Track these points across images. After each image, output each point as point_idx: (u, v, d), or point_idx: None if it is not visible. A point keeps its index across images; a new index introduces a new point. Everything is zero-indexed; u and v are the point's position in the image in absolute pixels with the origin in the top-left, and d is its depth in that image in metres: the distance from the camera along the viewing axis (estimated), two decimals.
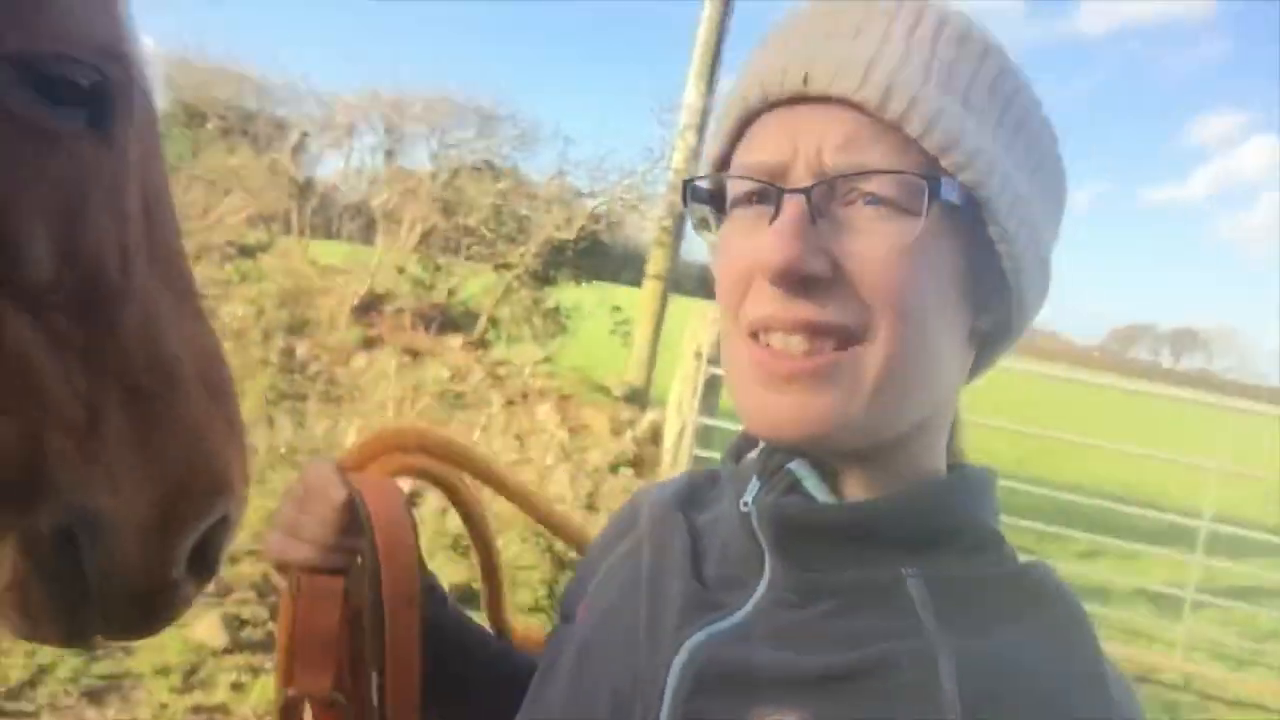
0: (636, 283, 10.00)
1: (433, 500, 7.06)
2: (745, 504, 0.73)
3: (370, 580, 0.86)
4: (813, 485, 0.70)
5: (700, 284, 11.15)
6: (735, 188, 0.72)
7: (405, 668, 0.86)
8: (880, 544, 0.68)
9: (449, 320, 8.79)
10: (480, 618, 1.07)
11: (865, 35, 0.67)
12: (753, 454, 0.79)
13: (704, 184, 0.75)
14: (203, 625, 4.97)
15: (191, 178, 10.48)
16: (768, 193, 0.67)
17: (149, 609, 0.93)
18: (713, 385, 6.13)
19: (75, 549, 0.88)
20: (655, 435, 7.02)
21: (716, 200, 0.75)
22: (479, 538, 1.00)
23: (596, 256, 10.24)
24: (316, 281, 8.83)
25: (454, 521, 6.90)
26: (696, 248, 10.17)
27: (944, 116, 0.64)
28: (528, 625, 1.06)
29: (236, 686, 4.43)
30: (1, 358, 0.79)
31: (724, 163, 0.74)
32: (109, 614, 0.92)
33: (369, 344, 8.22)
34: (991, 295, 0.70)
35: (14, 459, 0.82)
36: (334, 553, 0.87)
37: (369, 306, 8.48)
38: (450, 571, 6.19)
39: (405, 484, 0.95)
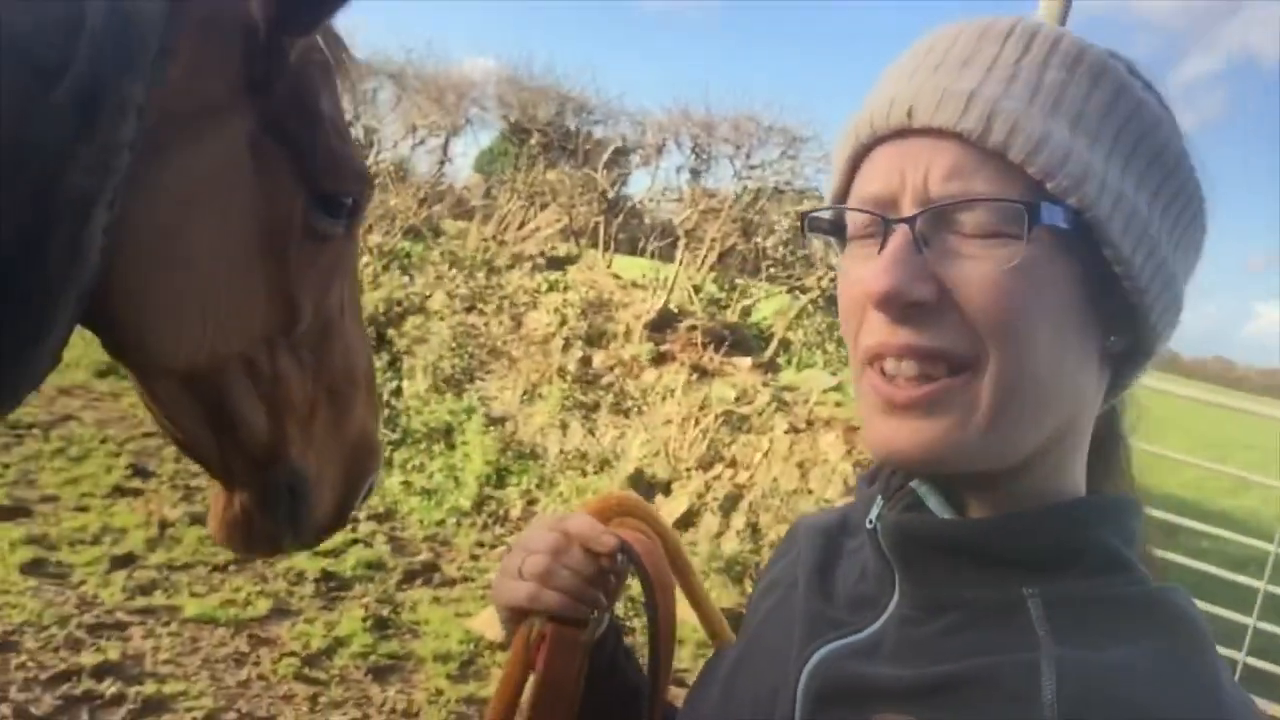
0: None
1: (710, 522, 7.06)
2: (870, 521, 0.76)
3: (650, 629, 0.89)
4: (934, 503, 0.73)
5: None
6: (852, 220, 0.74)
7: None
8: (1002, 562, 0.68)
9: (740, 341, 8.76)
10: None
11: (972, 65, 0.68)
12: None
13: (825, 215, 0.78)
14: (484, 617, 5.22)
15: (513, 190, 11.21)
16: (878, 223, 0.69)
17: (326, 535, 1.46)
18: None
19: (293, 498, 1.35)
20: None
21: (838, 231, 0.77)
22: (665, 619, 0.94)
23: None
24: (617, 295, 9.11)
25: (729, 545, 6.85)
26: None
27: (1049, 141, 0.65)
28: None
29: None
30: (276, 379, 1.26)
31: (843, 195, 0.76)
32: (300, 537, 1.40)
33: (660, 360, 8.36)
34: (1118, 316, 0.70)
35: (267, 440, 1.28)
36: (582, 603, 0.88)
37: (664, 323, 8.63)
38: (724, 597, 6.14)
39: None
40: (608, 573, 0.87)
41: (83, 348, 8.64)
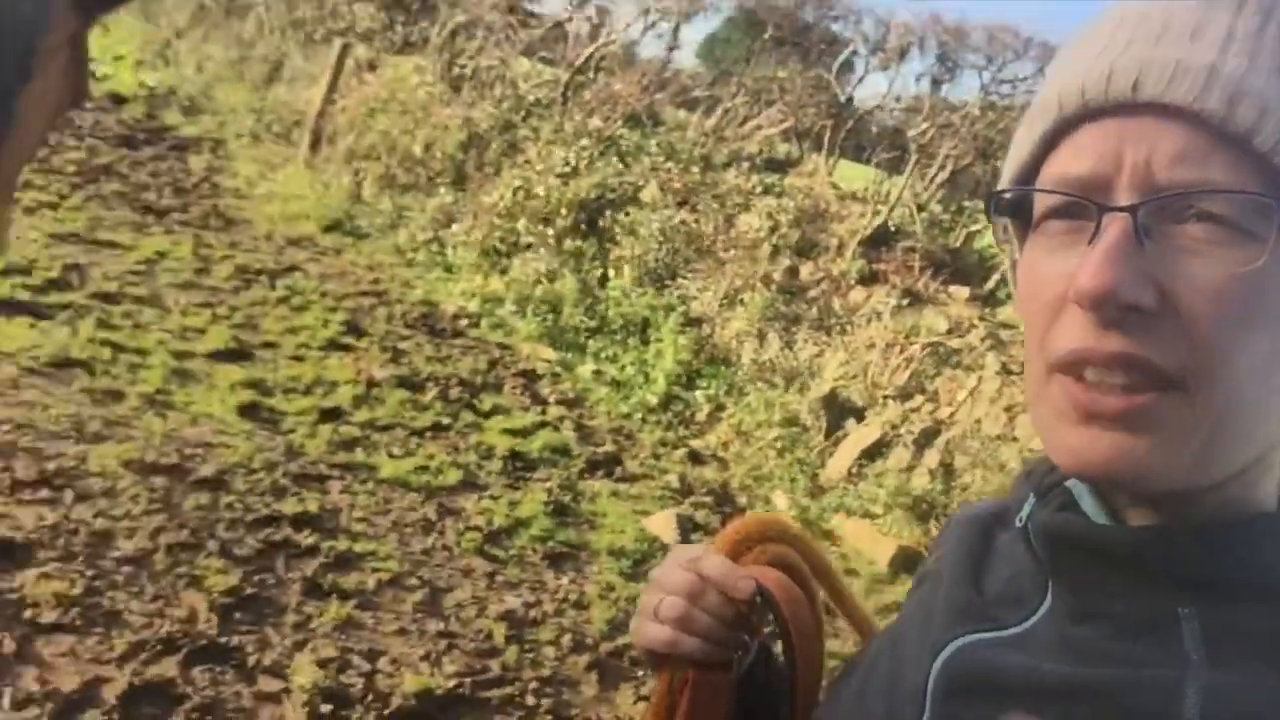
0: None
1: (900, 455, 6.77)
2: (1020, 519, 0.73)
3: (789, 676, 0.88)
4: (1089, 505, 0.69)
5: None
6: (1044, 201, 0.66)
7: None
8: (1158, 577, 0.64)
9: (960, 269, 8.23)
10: None
11: (1205, 36, 0.60)
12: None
13: (1008, 195, 0.70)
14: (660, 520, 5.23)
15: (740, 85, 10.83)
16: (1086, 209, 0.62)
17: None
18: None
19: None
20: None
21: (1020, 212, 0.69)
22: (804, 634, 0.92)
23: None
24: (834, 206, 8.72)
25: (919, 481, 6.56)
26: None
27: None
28: None
29: None
30: None
31: (1030, 172, 0.68)
32: None
33: (871, 279, 7.97)
34: None
35: None
36: (724, 648, 0.86)
37: (879, 240, 8.20)
38: (905, 534, 5.92)
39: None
40: (748, 614, 0.86)
41: (314, 201, 9.11)
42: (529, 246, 8.55)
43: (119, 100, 10.97)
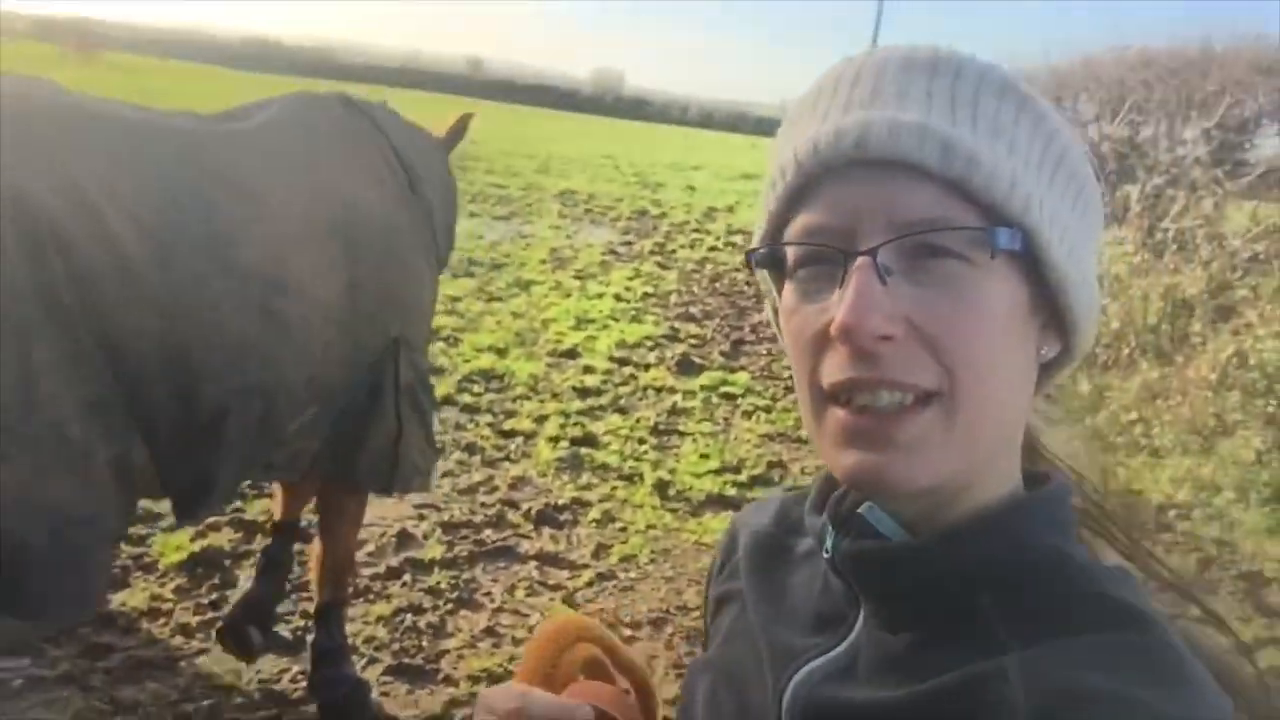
0: None
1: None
2: (826, 550, 0.78)
3: None
4: (887, 528, 0.75)
5: None
6: (795, 252, 0.74)
7: None
8: (956, 575, 0.71)
9: None
10: None
11: (909, 96, 0.70)
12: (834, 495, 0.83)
13: (763, 251, 0.77)
14: None
15: None
16: (833, 256, 0.70)
17: None
18: None
19: None
20: None
21: (775, 264, 0.77)
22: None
23: None
24: None
25: None
26: None
27: (999, 167, 0.68)
28: None
29: None
30: None
31: (778, 228, 0.76)
32: None
33: None
34: (1049, 323, 0.75)
35: None
36: None
37: None
38: None
39: None
40: None
41: None
42: (1239, 424, 7.28)
43: None
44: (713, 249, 12.19)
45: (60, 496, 1.77)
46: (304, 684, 3.21)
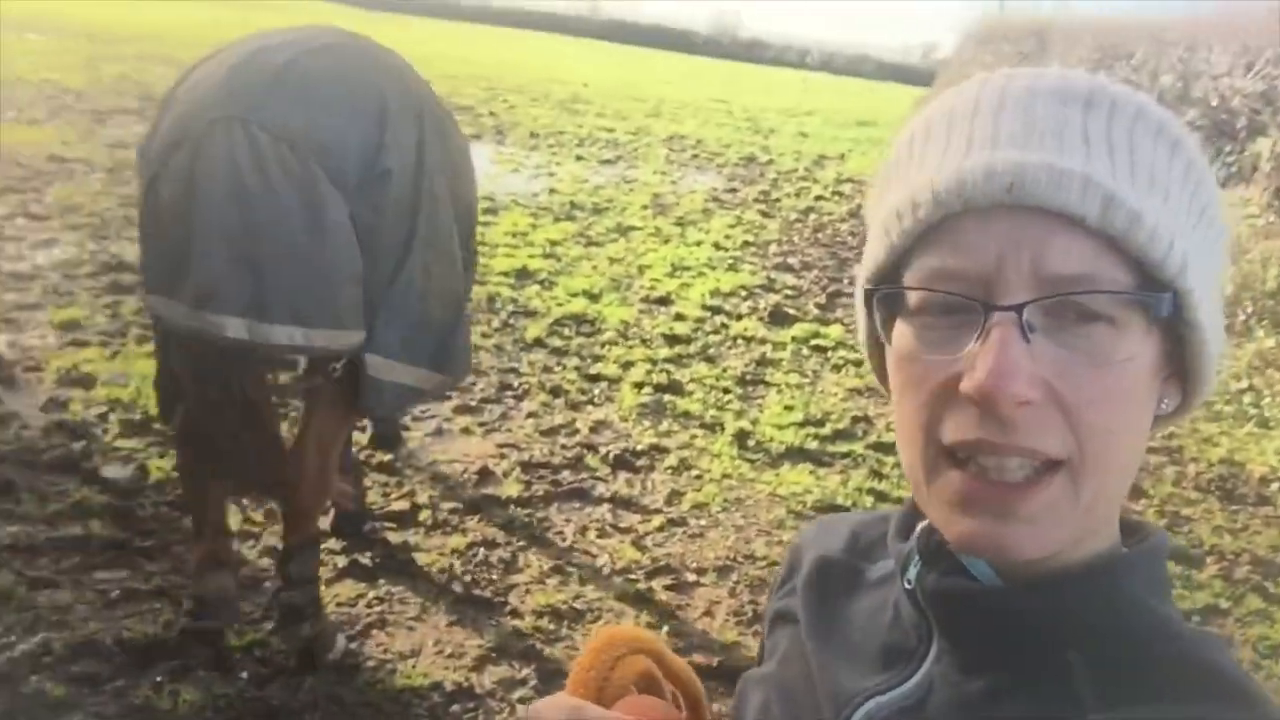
0: None
1: None
2: (909, 581, 0.75)
3: None
4: (979, 570, 0.71)
5: None
6: (921, 294, 0.68)
7: None
8: (1047, 627, 0.68)
9: None
10: None
11: (1066, 138, 0.65)
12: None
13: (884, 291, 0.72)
14: None
15: None
16: (971, 305, 0.64)
17: None
18: None
19: None
20: None
21: (891, 303, 0.71)
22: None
23: None
24: None
25: None
26: None
27: (1160, 225, 0.63)
28: None
29: None
30: None
31: (897, 264, 0.70)
32: None
33: None
34: (1173, 375, 0.70)
35: None
36: None
37: None
38: None
39: None
40: None
41: None
42: None
43: None
44: (819, 198, 11.98)
45: (458, 287, 3.02)
46: (378, 609, 3.38)
